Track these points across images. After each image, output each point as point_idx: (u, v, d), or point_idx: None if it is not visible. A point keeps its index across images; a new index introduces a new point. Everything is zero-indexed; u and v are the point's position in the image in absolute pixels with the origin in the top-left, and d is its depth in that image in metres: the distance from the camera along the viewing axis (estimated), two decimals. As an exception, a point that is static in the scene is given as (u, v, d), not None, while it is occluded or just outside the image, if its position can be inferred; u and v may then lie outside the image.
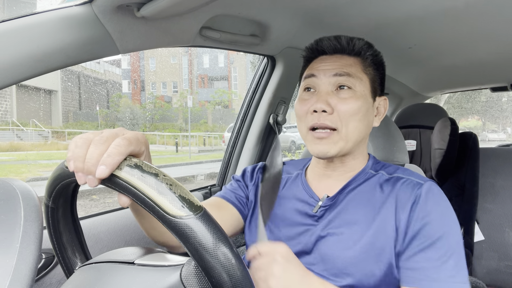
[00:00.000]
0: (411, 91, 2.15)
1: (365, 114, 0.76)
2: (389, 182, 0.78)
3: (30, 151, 11.34)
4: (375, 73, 0.81)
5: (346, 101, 0.74)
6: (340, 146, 0.75)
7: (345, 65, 0.77)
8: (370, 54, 0.80)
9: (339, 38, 0.79)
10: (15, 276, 0.38)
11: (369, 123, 0.80)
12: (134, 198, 0.44)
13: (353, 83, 0.75)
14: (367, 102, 0.77)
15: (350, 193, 0.79)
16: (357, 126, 0.75)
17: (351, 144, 0.76)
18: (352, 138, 0.76)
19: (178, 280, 0.44)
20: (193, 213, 0.41)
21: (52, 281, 0.93)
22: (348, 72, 0.76)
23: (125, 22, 0.82)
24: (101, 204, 5.03)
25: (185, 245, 0.41)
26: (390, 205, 0.74)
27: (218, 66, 28.26)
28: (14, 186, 0.47)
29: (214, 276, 0.40)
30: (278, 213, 0.84)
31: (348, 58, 0.78)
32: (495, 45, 1.36)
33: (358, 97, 0.75)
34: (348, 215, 0.76)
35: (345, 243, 0.73)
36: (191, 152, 13.93)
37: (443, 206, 0.73)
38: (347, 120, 0.74)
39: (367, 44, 0.80)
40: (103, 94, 23.23)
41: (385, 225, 0.72)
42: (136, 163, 0.45)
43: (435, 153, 1.69)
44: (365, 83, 0.77)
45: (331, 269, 0.73)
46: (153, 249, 0.55)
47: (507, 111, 21.46)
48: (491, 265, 1.74)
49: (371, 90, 0.79)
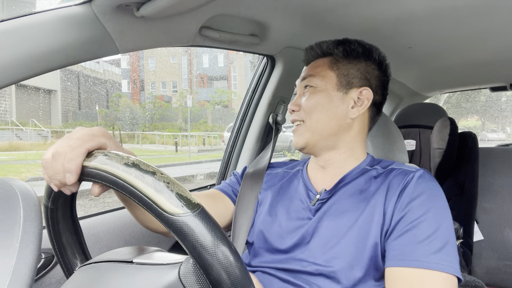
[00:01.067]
0: (410, 91, 2.15)
1: (327, 106, 0.82)
2: (383, 174, 0.81)
3: (29, 151, 11.33)
4: (348, 66, 0.84)
5: (308, 98, 0.84)
6: (306, 136, 0.83)
7: (314, 68, 0.87)
8: (340, 51, 0.85)
9: (312, 47, 0.89)
10: (15, 276, 0.38)
11: (337, 115, 0.82)
12: (132, 196, 0.44)
13: (314, 82, 0.84)
14: (329, 96, 0.83)
15: (345, 186, 0.82)
16: (319, 117, 0.82)
17: (317, 135, 0.82)
18: (316, 129, 0.82)
19: (177, 278, 0.44)
20: (191, 211, 0.41)
21: (51, 281, 0.93)
22: (310, 73, 0.86)
23: (124, 22, 0.82)
24: (101, 203, 5.02)
25: (182, 242, 0.41)
26: (381, 192, 0.76)
27: (217, 66, 28.26)
28: (14, 186, 0.47)
29: (212, 274, 0.40)
30: (279, 207, 0.86)
31: (320, 59, 0.88)
32: (495, 45, 1.36)
33: (317, 92, 0.83)
34: (341, 205, 0.78)
35: (338, 231, 0.75)
36: (190, 151, 13.94)
37: (432, 190, 0.74)
38: (309, 112, 0.83)
39: (336, 42, 0.86)
40: (103, 93, 23.23)
41: (373, 211, 0.74)
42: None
43: (435, 152, 1.69)
44: (328, 79, 0.84)
45: (326, 256, 0.75)
46: (151, 248, 0.55)
47: (507, 110, 21.49)
48: (491, 265, 1.74)
49: (337, 84, 0.83)
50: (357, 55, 0.85)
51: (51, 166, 0.52)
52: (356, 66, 0.84)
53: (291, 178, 0.92)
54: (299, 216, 0.82)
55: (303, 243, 0.78)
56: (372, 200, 0.76)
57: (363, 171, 0.84)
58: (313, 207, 0.82)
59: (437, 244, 0.67)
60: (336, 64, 0.85)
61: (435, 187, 0.75)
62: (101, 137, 0.54)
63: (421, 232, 0.68)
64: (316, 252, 0.76)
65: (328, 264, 0.74)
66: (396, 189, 0.75)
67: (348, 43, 0.86)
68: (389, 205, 0.73)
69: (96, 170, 0.48)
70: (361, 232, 0.73)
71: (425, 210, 0.70)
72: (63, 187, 0.53)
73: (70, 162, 0.49)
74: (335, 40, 0.87)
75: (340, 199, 0.80)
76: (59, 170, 0.51)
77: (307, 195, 0.85)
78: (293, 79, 1.47)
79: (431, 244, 0.67)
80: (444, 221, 0.70)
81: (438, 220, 0.69)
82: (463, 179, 1.72)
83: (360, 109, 0.83)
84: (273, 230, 0.83)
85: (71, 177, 0.49)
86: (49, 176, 0.52)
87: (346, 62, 0.85)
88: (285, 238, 0.81)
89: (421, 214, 0.70)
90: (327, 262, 0.74)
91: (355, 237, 0.73)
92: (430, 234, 0.67)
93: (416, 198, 0.72)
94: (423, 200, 0.71)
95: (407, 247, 0.68)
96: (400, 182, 0.76)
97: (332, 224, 0.77)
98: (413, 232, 0.69)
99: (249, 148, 1.50)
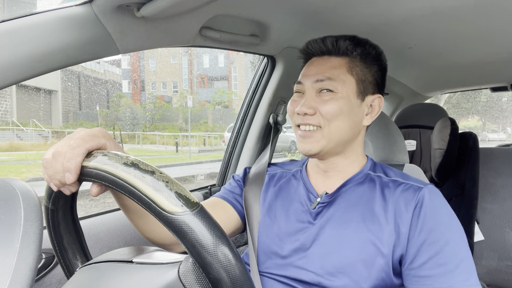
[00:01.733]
0: (411, 91, 2.15)
1: (348, 114, 0.77)
2: (389, 186, 0.78)
3: (30, 151, 11.34)
4: (365, 71, 0.80)
5: (327, 103, 0.77)
6: (322, 144, 0.77)
7: (329, 68, 0.79)
8: (358, 53, 0.79)
9: (325, 40, 0.80)
10: (15, 276, 0.38)
11: (356, 123, 0.80)
12: (131, 196, 0.44)
13: (334, 86, 0.77)
14: (351, 103, 0.78)
15: (348, 192, 0.79)
16: (339, 125, 0.77)
17: (334, 143, 0.78)
18: (334, 137, 0.78)
19: (176, 277, 0.44)
20: (190, 209, 0.41)
21: (52, 281, 0.93)
22: (329, 76, 0.78)
23: (125, 22, 0.82)
24: (101, 204, 5.02)
25: (181, 241, 0.41)
26: (391, 208, 0.74)
27: (218, 66, 28.26)
28: (14, 186, 0.47)
29: (211, 272, 0.40)
30: (278, 209, 0.84)
31: (335, 59, 0.80)
32: (495, 45, 1.36)
33: (339, 98, 0.77)
34: (346, 214, 0.76)
35: (342, 242, 0.73)
36: (191, 152, 13.94)
37: (446, 210, 0.73)
38: (329, 119, 0.77)
39: (353, 43, 0.79)
40: (103, 94, 23.23)
41: (382, 227, 0.72)
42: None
43: (435, 153, 1.69)
44: (349, 85, 0.78)
45: (327, 267, 0.73)
46: (151, 248, 0.55)
47: (507, 111, 21.47)
48: (491, 265, 1.74)
49: (357, 91, 0.78)
50: (371, 59, 0.81)
51: (51, 165, 0.52)
52: (371, 72, 0.81)
53: (290, 179, 0.90)
54: (298, 219, 0.80)
55: (302, 249, 0.77)
56: (380, 214, 0.74)
57: (366, 176, 0.82)
58: (313, 210, 0.79)
59: (464, 265, 0.68)
60: (354, 68, 0.79)
61: (446, 205, 0.74)
62: (101, 138, 0.54)
63: (446, 257, 0.68)
64: (316, 261, 0.74)
65: (331, 277, 0.72)
66: (407, 207, 0.73)
67: (364, 44, 0.80)
68: (401, 223, 0.72)
69: (96, 170, 0.48)
70: (369, 249, 0.71)
71: (445, 234, 0.70)
72: (63, 187, 0.53)
73: (69, 161, 0.50)
74: (349, 37, 0.80)
75: (343, 206, 0.78)
76: (59, 169, 0.51)
77: (308, 198, 0.82)
78: (294, 80, 1.47)
79: (459, 268, 0.67)
80: (462, 238, 0.70)
81: (458, 242, 0.70)
82: (463, 180, 1.72)
83: (372, 116, 0.82)
84: (271, 233, 0.82)
85: (70, 176, 0.50)
86: (49, 176, 0.53)
87: (363, 67, 0.80)
88: (284, 241, 0.79)
89: (442, 238, 0.69)
90: (330, 275, 0.72)
91: (362, 253, 0.71)
92: (454, 257, 0.68)
93: (433, 221, 0.70)
94: (440, 224, 0.70)
95: (436, 273, 0.68)
96: (410, 200, 0.73)
97: (335, 233, 0.75)
98: (439, 258, 0.68)
99: (250, 148, 1.50)
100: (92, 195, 0.53)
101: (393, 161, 1.05)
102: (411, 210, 0.72)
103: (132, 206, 0.70)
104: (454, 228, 0.71)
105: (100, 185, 0.51)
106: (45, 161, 0.53)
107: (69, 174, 0.50)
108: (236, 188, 0.94)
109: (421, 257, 0.69)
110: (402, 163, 1.04)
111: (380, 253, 0.71)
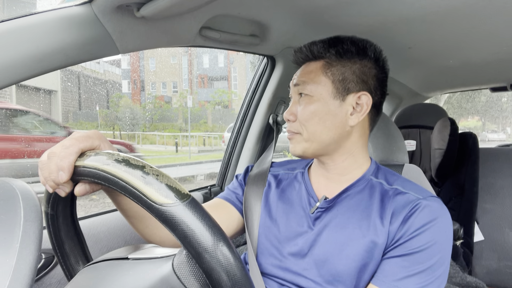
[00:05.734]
0: (411, 91, 2.15)
1: (325, 116, 0.77)
2: (389, 195, 0.76)
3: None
4: (342, 70, 0.78)
5: (303, 107, 0.79)
6: (304, 146, 0.80)
7: (306, 73, 0.81)
8: (333, 53, 0.79)
9: (303, 47, 0.82)
10: (15, 276, 0.38)
11: (336, 124, 0.78)
12: (123, 191, 0.44)
13: (309, 89, 0.79)
14: (327, 105, 0.77)
15: (348, 198, 0.78)
16: (316, 128, 0.78)
17: (317, 144, 0.79)
18: (316, 139, 0.78)
19: (171, 270, 0.45)
20: (180, 201, 0.41)
21: (52, 281, 0.93)
22: (304, 80, 0.80)
23: (125, 22, 0.82)
24: (101, 204, 5.02)
25: (173, 233, 0.41)
26: (387, 216, 0.73)
27: (218, 66, 28.26)
28: (14, 186, 0.47)
29: (204, 262, 0.40)
30: (279, 211, 0.84)
31: (313, 63, 0.81)
32: (495, 45, 1.36)
33: (314, 102, 0.78)
34: (344, 220, 0.75)
35: (339, 249, 0.73)
36: (191, 152, 13.93)
37: (438, 223, 0.71)
38: (305, 124, 0.79)
39: (326, 44, 0.79)
40: (103, 94, 23.22)
41: (378, 235, 0.72)
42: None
43: (435, 153, 1.69)
44: (323, 87, 0.78)
45: (324, 275, 0.73)
46: (147, 245, 0.56)
47: (507, 111, 21.48)
48: (491, 265, 1.74)
49: (334, 91, 0.78)
50: (351, 55, 0.78)
51: (46, 166, 0.53)
52: (351, 69, 0.78)
53: (292, 181, 0.88)
54: (298, 223, 0.80)
55: (300, 255, 0.77)
56: (377, 221, 0.73)
57: (367, 182, 0.80)
58: (312, 215, 0.79)
59: (426, 276, 0.67)
60: (329, 68, 0.78)
61: (441, 220, 0.71)
62: (95, 139, 0.55)
63: (412, 262, 0.68)
64: (313, 268, 0.74)
65: (329, 285, 0.72)
66: (399, 215, 0.72)
67: (341, 43, 0.79)
68: (391, 232, 0.72)
69: (88, 169, 0.48)
70: (365, 256, 0.71)
71: (424, 242, 0.68)
72: (58, 188, 0.54)
73: (62, 160, 0.51)
74: (326, 40, 0.81)
75: (341, 212, 0.77)
76: (53, 169, 0.52)
77: (308, 202, 0.81)
78: (294, 80, 1.47)
79: (418, 276, 0.67)
80: (443, 255, 0.69)
81: (434, 255, 0.68)
82: (463, 180, 1.72)
83: (359, 116, 0.78)
84: (271, 235, 0.81)
85: (63, 174, 0.50)
86: (45, 178, 0.53)
87: (340, 66, 0.78)
88: (283, 245, 0.79)
89: (419, 245, 0.68)
90: (328, 283, 0.72)
91: (358, 261, 0.71)
92: (419, 266, 0.67)
93: (418, 228, 0.69)
94: (424, 233, 0.69)
95: (392, 270, 0.68)
96: (405, 208, 0.73)
97: (332, 240, 0.74)
98: (404, 259, 0.68)
99: (250, 149, 1.50)
100: (76, 195, 0.54)
101: (392, 161, 1.05)
102: (401, 217, 0.71)
103: (132, 211, 0.70)
104: (438, 243, 0.69)
105: (85, 184, 0.53)
106: (41, 163, 0.54)
107: (62, 173, 0.51)
108: (238, 188, 0.94)
109: (389, 253, 0.70)
110: (402, 163, 1.04)
111: (375, 259, 0.71)
